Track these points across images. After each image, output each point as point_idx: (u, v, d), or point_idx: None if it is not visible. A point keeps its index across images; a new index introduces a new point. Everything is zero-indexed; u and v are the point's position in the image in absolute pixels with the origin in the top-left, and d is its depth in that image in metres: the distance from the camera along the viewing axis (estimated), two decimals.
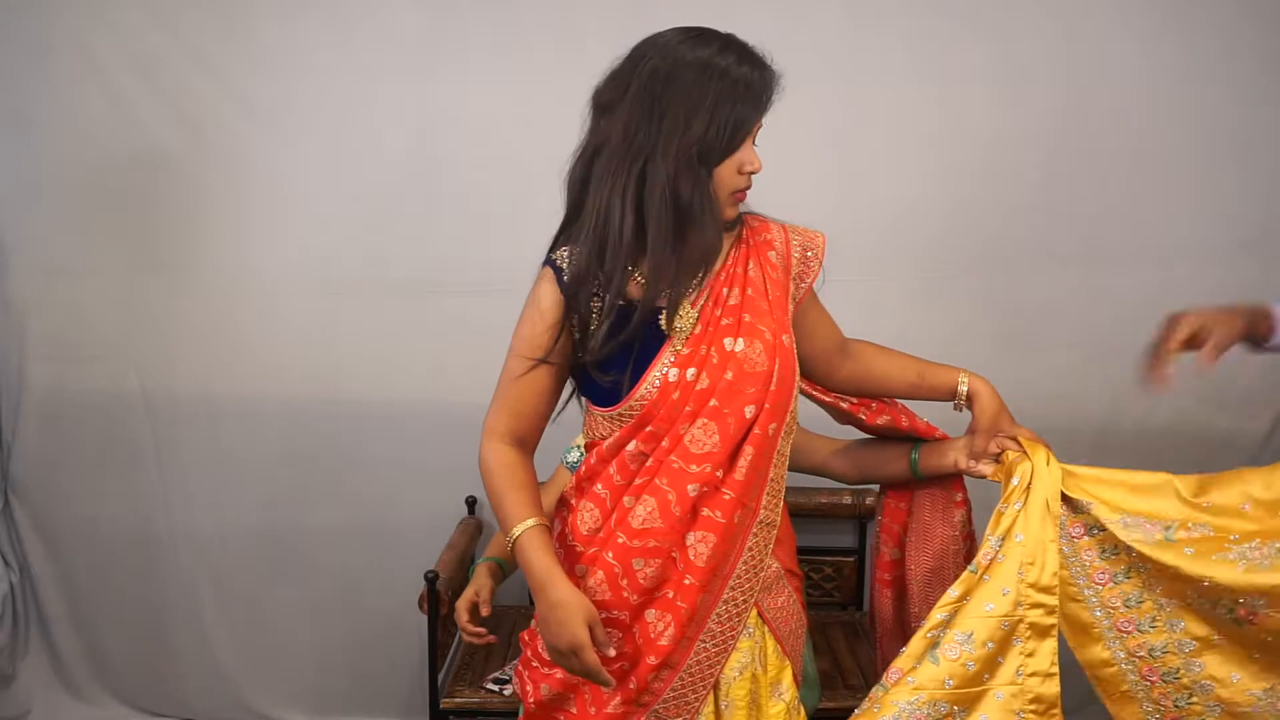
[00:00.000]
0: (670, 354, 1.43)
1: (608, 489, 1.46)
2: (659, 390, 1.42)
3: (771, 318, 1.46)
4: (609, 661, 1.42)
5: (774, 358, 1.43)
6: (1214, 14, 2.44)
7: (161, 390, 2.64)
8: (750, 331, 1.43)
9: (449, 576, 2.27)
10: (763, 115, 1.40)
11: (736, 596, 1.46)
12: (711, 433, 1.41)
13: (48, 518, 2.71)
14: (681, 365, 1.42)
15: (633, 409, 1.43)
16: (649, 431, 1.43)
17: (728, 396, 1.41)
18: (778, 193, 1.59)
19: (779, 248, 1.51)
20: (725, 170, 1.39)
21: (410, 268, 2.57)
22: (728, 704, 1.49)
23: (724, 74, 1.35)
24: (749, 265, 1.48)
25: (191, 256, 2.60)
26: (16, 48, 2.51)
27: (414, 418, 2.61)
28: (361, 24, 2.50)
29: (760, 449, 1.43)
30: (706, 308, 1.45)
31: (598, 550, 1.45)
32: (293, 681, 2.76)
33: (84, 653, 2.77)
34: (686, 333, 1.43)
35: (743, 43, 1.40)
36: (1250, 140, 2.48)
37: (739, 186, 1.42)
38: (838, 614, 2.65)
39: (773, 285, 1.48)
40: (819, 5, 2.45)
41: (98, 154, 2.54)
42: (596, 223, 1.38)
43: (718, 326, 1.43)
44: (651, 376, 1.42)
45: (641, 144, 1.35)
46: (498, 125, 2.49)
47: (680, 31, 1.39)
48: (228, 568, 2.72)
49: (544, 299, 1.45)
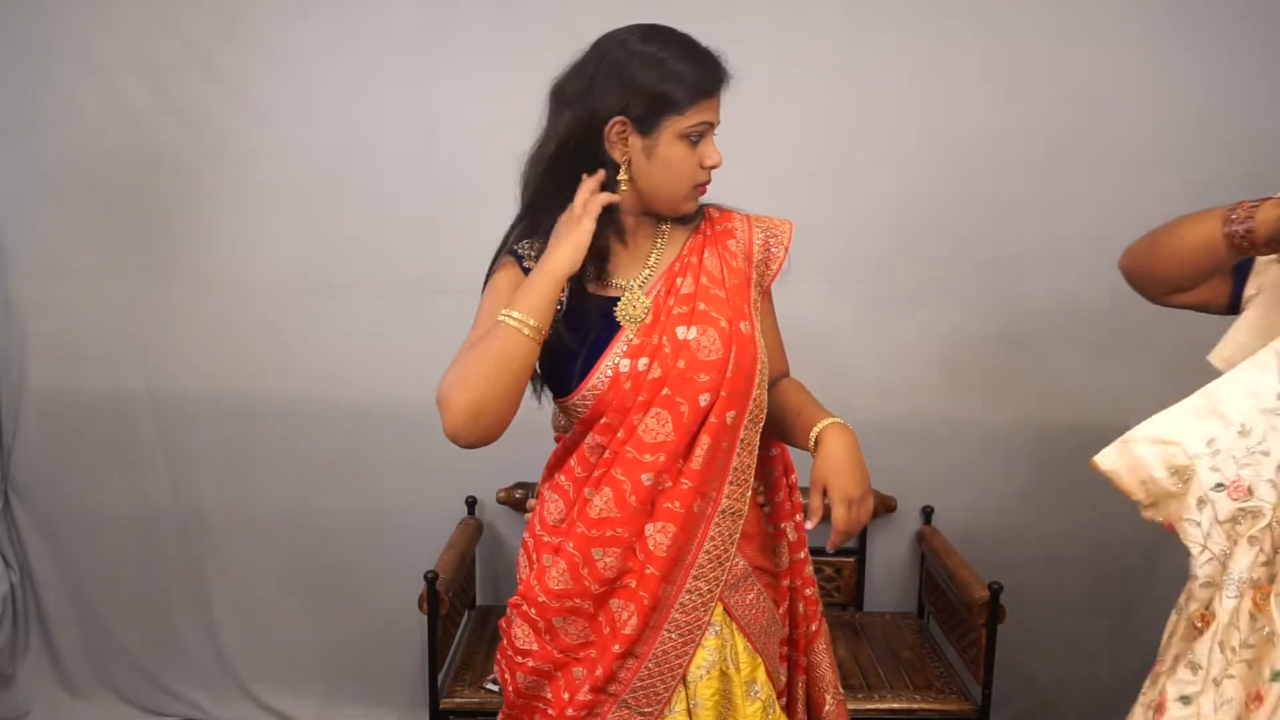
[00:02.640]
0: (623, 344, 1.45)
1: (570, 480, 1.49)
2: (609, 381, 1.43)
3: (728, 305, 1.46)
4: (580, 648, 1.46)
5: (730, 345, 1.44)
6: (1214, 14, 2.44)
7: (161, 390, 2.64)
8: (703, 319, 1.44)
9: (449, 576, 2.27)
10: (705, 108, 1.39)
11: (700, 586, 1.46)
12: (665, 422, 1.42)
13: (48, 518, 2.72)
14: (633, 355, 1.44)
15: (585, 399, 1.45)
16: (604, 423, 1.44)
17: (680, 385, 1.42)
18: (778, 193, 1.59)
19: (740, 237, 1.53)
20: (683, 164, 1.40)
21: (411, 267, 2.57)
22: (696, 703, 1.49)
23: (661, 63, 1.38)
24: (705, 254, 1.49)
25: (192, 256, 2.60)
26: (16, 48, 2.51)
27: (414, 418, 2.60)
28: (362, 24, 2.50)
29: (718, 438, 1.43)
30: (659, 297, 1.46)
31: (561, 540, 1.47)
32: (293, 681, 2.76)
33: (84, 652, 2.77)
34: (638, 322, 1.45)
35: (692, 42, 1.41)
36: (1251, 140, 2.48)
37: (699, 180, 1.43)
38: (838, 614, 2.65)
39: (731, 273, 1.49)
40: (819, 5, 2.45)
41: (98, 154, 2.55)
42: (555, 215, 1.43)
43: (670, 315, 1.45)
44: (603, 367, 1.44)
45: (598, 135, 1.40)
46: (498, 125, 2.47)
47: (637, 28, 1.42)
48: (228, 568, 2.72)
49: (504, 286, 1.46)
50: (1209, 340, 1.45)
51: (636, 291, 1.47)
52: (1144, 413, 1.22)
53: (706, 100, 1.39)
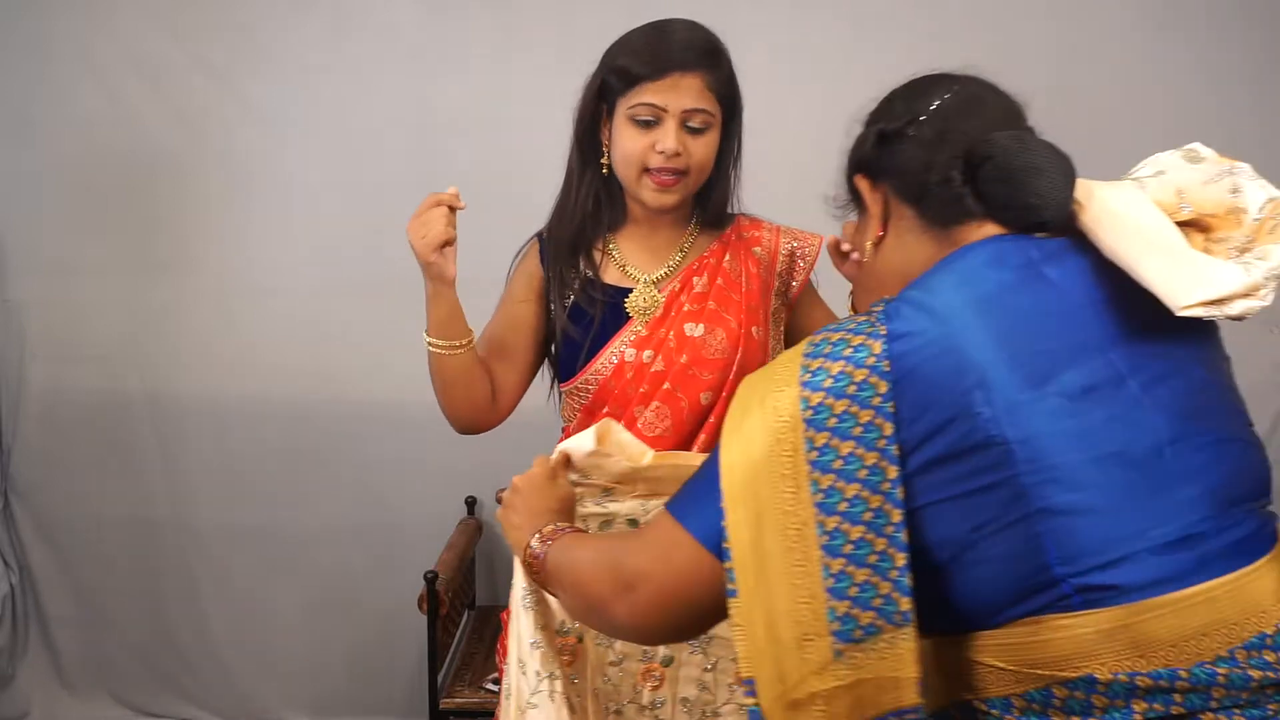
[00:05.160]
0: (630, 334, 1.47)
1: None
2: (613, 369, 1.46)
3: (743, 309, 1.48)
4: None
5: (737, 346, 1.45)
6: (1214, 13, 2.44)
7: (161, 390, 2.64)
8: (713, 319, 1.46)
9: (449, 576, 2.27)
10: (650, 90, 1.39)
11: None
12: (664, 416, 1.43)
13: (48, 518, 2.71)
14: (639, 346, 1.46)
15: (588, 384, 1.47)
16: (605, 413, 1.45)
17: (681, 380, 1.44)
18: (778, 193, 1.59)
19: (766, 245, 1.54)
20: (629, 144, 1.41)
21: (410, 267, 2.54)
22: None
23: (627, 41, 1.42)
24: (725, 258, 1.51)
25: (191, 256, 2.60)
26: (16, 48, 2.51)
27: (414, 418, 2.58)
28: (361, 24, 2.50)
29: (716, 437, 1.44)
30: (673, 292, 1.48)
31: None
32: (293, 681, 2.76)
33: (84, 653, 2.77)
34: (648, 314, 1.47)
35: (673, 27, 1.42)
36: (1251, 139, 2.47)
37: (647, 164, 1.42)
38: None
39: (750, 279, 1.50)
40: (819, 4, 2.45)
41: (98, 154, 2.54)
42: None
43: (680, 312, 1.47)
44: (608, 353, 1.46)
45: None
46: (498, 125, 2.49)
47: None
48: (228, 568, 2.72)
49: (529, 264, 1.56)
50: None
51: (650, 286, 1.48)
52: None
53: (651, 82, 1.38)
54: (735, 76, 1.47)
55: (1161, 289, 0.94)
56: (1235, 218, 1.04)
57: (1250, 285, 0.93)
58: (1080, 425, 0.92)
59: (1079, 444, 0.91)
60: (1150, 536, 0.90)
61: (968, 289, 0.97)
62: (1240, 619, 0.90)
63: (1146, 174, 1.11)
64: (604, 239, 1.53)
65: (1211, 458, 0.95)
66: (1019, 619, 0.91)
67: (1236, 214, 1.04)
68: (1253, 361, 2.44)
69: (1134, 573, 0.89)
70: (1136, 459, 0.92)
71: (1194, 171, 1.08)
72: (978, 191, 1.03)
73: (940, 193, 1.03)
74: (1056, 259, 1.01)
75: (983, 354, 0.92)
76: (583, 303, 1.48)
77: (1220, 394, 1.01)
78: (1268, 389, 2.47)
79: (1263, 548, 0.94)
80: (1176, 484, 0.93)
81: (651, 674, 1.40)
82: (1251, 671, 0.88)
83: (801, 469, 0.91)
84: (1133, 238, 0.99)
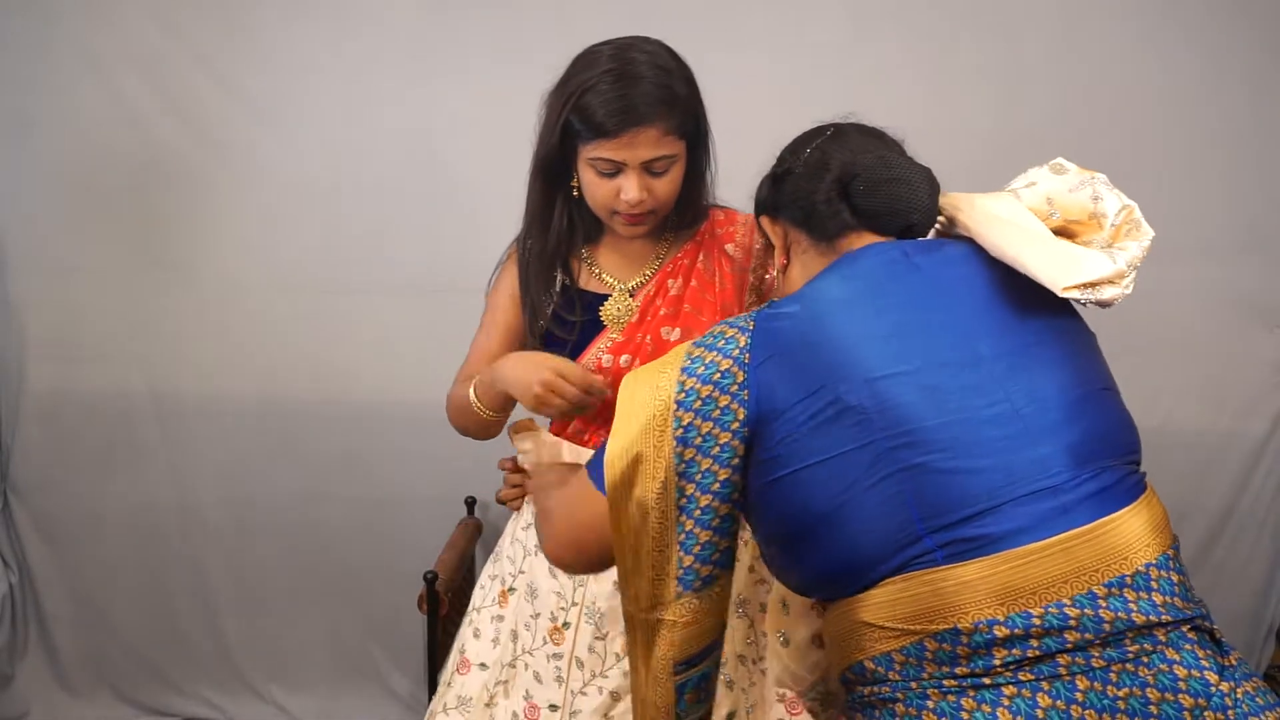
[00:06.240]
0: (606, 341, 1.50)
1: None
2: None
3: (717, 309, 1.50)
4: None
5: None
6: (1214, 13, 2.44)
7: (161, 390, 2.64)
8: (688, 321, 1.48)
9: (449, 576, 2.27)
10: (606, 147, 1.38)
11: None
12: None
13: (48, 518, 2.71)
14: (615, 352, 1.49)
15: None
16: (587, 415, 1.49)
17: None
18: None
19: (740, 239, 1.55)
20: (593, 189, 1.42)
21: (411, 268, 2.57)
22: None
23: (584, 90, 1.38)
24: (699, 257, 1.52)
25: (192, 256, 2.60)
26: (16, 48, 2.51)
27: (414, 418, 2.60)
28: (362, 24, 2.50)
29: None
30: (648, 297, 1.50)
31: None
32: (292, 680, 2.76)
33: (84, 653, 2.77)
34: (623, 321, 1.49)
35: (633, 76, 1.37)
36: (1251, 139, 2.48)
37: (615, 209, 1.43)
38: None
39: (724, 279, 1.52)
40: (818, 4, 2.45)
41: (98, 154, 2.54)
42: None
43: (656, 316, 1.49)
44: (585, 360, 1.49)
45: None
46: (498, 125, 2.48)
47: (611, 44, 1.42)
48: (227, 568, 2.72)
49: (506, 278, 1.60)
50: (1210, 341, 1.45)
51: (625, 294, 1.51)
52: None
53: (609, 140, 1.36)
54: (697, 97, 1.44)
55: (1043, 274, 1.08)
56: (1097, 222, 1.18)
57: (1116, 272, 1.08)
58: (940, 392, 1.03)
59: (937, 410, 1.02)
60: (1010, 491, 1.00)
61: (843, 282, 1.11)
62: (1100, 565, 0.98)
63: (1020, 185, 1.25)
64: (580, 250, 1.56)
65: (1068, 416, 1.05)
66: (890, 576, 1.02)
67: (1098, 219, 1.19)
68: (1253, 361, 2.46)
69: (995, 525, 0.99)
70: (995, 420, 1.03)
71: (1059, 181, 1.25)
72: (853, 206, 1.18)
73: (823, 210, 1.19)
74: (926, 251, 1.14)
75: (848, 330, 1.06)
76: (562, 310, 1.52)
77: (1076, 362, 1.12)
78: (1268, 389, 2.46)
79: (1124, 498, 1.03)
80: (1034, 442, 1.03)
81: (558, 631, 1.54)
82: (1104, 613, 0.96)
83: (668, 442, 1.08)
84: (1013, 233, 1.13)
